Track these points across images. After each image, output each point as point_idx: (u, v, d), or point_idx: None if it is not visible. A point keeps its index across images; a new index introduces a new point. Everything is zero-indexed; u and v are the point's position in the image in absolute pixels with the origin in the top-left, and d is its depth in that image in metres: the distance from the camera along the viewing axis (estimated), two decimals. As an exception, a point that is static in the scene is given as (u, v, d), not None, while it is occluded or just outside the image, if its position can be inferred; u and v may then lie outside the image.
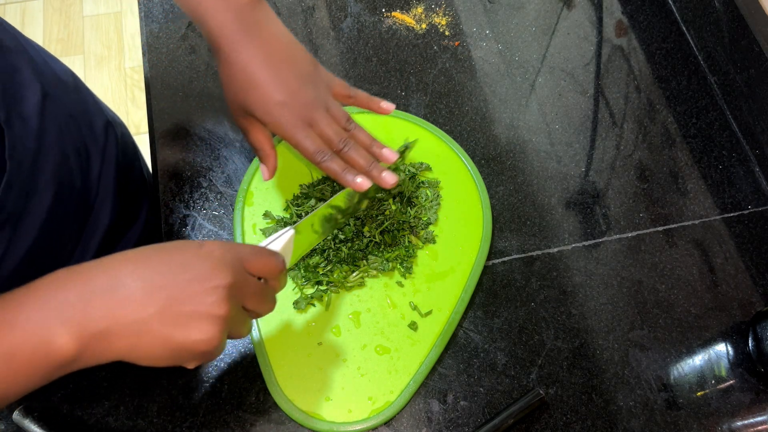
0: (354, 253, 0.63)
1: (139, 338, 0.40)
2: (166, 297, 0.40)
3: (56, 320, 0.37)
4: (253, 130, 0.58)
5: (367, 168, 0.57)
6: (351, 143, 0.56)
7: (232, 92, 0.56)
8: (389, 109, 0.61)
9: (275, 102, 0.54)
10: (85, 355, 0.38)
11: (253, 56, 0.54)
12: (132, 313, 0.39)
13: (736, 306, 0.66)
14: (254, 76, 0.54)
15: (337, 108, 0.58)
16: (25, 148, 0.51)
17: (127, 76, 1.96)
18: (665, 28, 0.85)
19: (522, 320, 0.64)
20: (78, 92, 0.69)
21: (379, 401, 0.58)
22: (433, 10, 0.84)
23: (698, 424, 0.60)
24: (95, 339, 0.38)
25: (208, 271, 0.42)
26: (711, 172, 0.75)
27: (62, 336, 0.37)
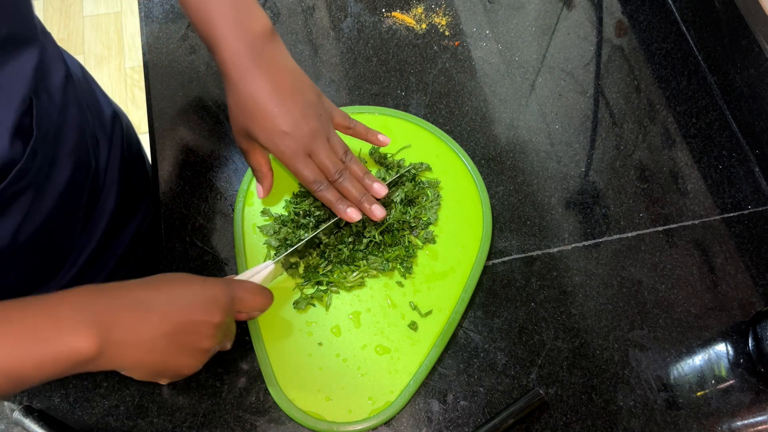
0: (354, 253, 0.63)
1: (145, 354, 0.45)
2: (175, 325, 0.46)
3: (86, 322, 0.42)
4: (253, 153, 0.61)
5: (359, 200, 0.60)
6: (346, 174, 0.60)
7: (237, 117, 0.59)
8: (386, 141, 0.65)
9: (279, 131, 0.57)
10: (101, 359, 0.43)
11: (262, 86, 0.56)
12: (149, 331, 0.45)
13: (736, 306, 0.66)
14: (261, 104, 0.57)
15: (336, 139, 0.61)
16: (50, 120, 0.55)
17: (127, 76, 1.96)
18: (665, 28, 0.85)
19: (522, 320, 0.64)
20: (87, 83, 0.72)
21: (379, 401, 0.58)
22: (433, 10, 0.84)
23: (698, 424, 0.60)
24: (114, 346, 0.43)
25: (207, 308, 0.48)
26: (711, 172, 0.75)
27: (89, 336, 0.41)
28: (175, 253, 0.65)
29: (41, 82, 0.54)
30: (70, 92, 0.60)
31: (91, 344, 0.41)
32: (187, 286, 0.49)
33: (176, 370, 0.48)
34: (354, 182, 0.60)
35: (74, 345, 0.41)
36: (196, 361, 0.49)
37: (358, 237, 0.64)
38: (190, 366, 0.49)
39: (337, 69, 0.79)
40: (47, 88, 0.56)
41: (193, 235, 0.67)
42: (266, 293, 0.55)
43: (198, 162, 0.71)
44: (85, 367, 0.42)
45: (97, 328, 0.42)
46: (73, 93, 0.61)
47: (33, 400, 0.57)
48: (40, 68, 0.54)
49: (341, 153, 0.61)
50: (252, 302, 0.53)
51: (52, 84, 0.57)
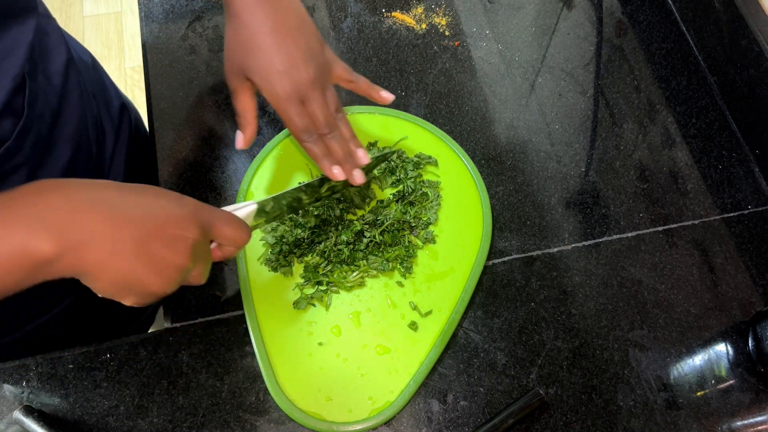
0: (354, 253, 0.63)
1: (109, 256, 0.40)
2: (143, 230, 0.41)
3: (40, 222, 0.38)
4: (243, 94, 0.58)
5: (344, 160, 0.58)
6: (336, 132, 0.57)
7: (234, 51, 0.56)
8: (389, 98, 0.62)
9: (276, 70, 0.54)
10: (61, 261, 0.39)
11: (264, 21, 0.54)
12: (111, 231, 0.40)
13: (736, 306, 0.66)
14: (260, 39, 0.54)
15: (332, 93, 0.58)
16: (47, 102, 0.53)
17: (127, 76, 1.96)
18: (665, 28, 0.85)
19: (522, 320, 0.64)
20: (96, 72, 0.71)
21: (379, 401, 0.58)
22: (433, 10, 0.84)
23: (698, 424, 0.60)
24: (73, 247, 0.39)
25: (182, 221, 0.44)
26: (711, 172, 0.75)
27: (44, 238, 0.38)
28: (175, 253, 0.65)
29: (39, 63, 0.53)
30: (72, 77, 0.59)
31: (48, 245, 0.38)
32: (162, 197, 0.45)
33: (143, 284, 0.43)
34: (342, 141, 0.58)
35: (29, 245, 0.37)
36: (166, 278, 0.43)
37: (358, 237, 0.64)
38: (158, 283, 0.43)
39: (337, 69, 0.79)
40: (45, 70, 0.55)
41: (193, 235, 0.67)
42: (245, 227, 0.50)
43: (198, 162, 0.71)
44: (45, 272, 0.39)
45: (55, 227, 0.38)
46: (75, 79, 0.60)
47: (33, 400, 0.57)
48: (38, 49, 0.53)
49: (334, 108, 0.58)
50: (229, 232, 0.48)
51: (51, 67, 0.56)
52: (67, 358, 0.59)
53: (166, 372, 0.59)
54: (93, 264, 0.40)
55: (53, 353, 0.60)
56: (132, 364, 0.59)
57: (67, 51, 0.59)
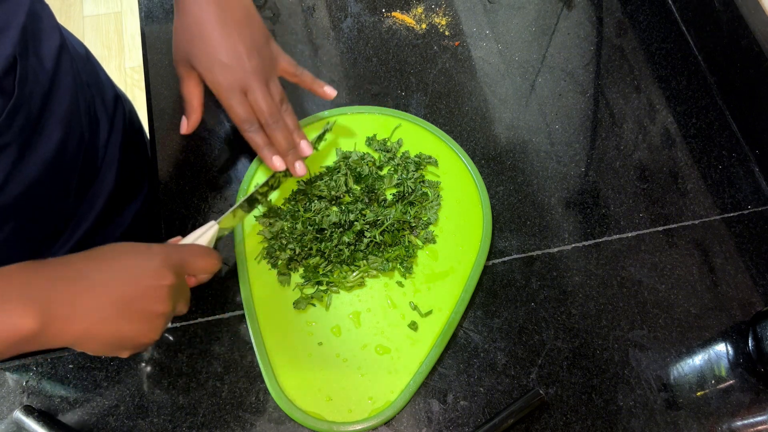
0: (354, 253, 0.63)
1: (94, 325, 0.43)
2: (122, 292, 0.44)
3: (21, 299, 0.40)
4: (189, 81, 0.60)
5: (286, 151, 0.59)
6: (280, 123, 0.59)
7: (180, 41, 0.58)
8: (331, 94, 0.64)
9: (219, 61, 0.56)
10: (45, 335, 0.41)
11: (210, 12, 0.56)
12: (92, 301, 0.43)
13: (736, 306, 0.66)
14: (205, 30, 0.56)
15: (275, 85, 0.60)
16: (38, 83, 0.55)
17: (127, 76, 1.96)
18: (665, 28, 0.85)
19: (522, 320, 0.64)
20: (90, 63, 0.73)
21: (379, 401, 0.58)
22: (433, 10, 0.84)
23: (698, 424, 0.60)
24: (56, 321, 0.41)
25: (155, 271, 0.46)
26: (711, 172, 0.75)
27: (26, 314, 0.40)
28: (175, 253, 0.66)
29: (31, 44, 0.55)
30: (64, 62, 0.60)
31: (30, 320, 0.40)
32: (132, 254, 0.47)
33: (133, 339, 0.46)
34: (285, 132, 0.59)
35: (11, 322, 0.39)
36: (153, 327, 0.47)
37: (358, 237, 0.64)
38: (147, 334, 0.46)
39: (337, 69, 0.79)
40: (38, 52, 0.56)
41: (193, 235, 0.67)
42: (213, 254, 0.53)
43: (198, 162, 0.71)
44: (30, 345, 0.41)
45: (36, 303, 0.40)
46: (68, 64, 0.61)
47: (33, 400, 0.57)
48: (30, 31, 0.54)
49: (278, 100, 0.60)
50: (201, 264, 0.51)
51: (44, 50, 0.57)
52: (67, 358, 0.59)
53: (166, 372, 0.59)
54: (80, 334, 0.43)
55: (53, 353, 0.60)
56: (132, 364, 0.59)
57: (60, 37, 0.60)
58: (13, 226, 0.59)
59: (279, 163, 0.59)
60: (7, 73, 0.51)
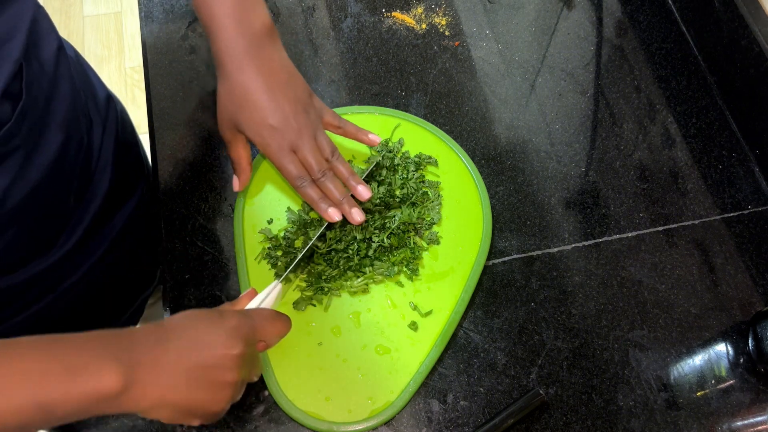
0: (362, 260, 0.63)
1: (167, 392, 0.45)
2: (195, 360, 0.46)
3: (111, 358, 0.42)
4: (236, 145, 0.62)
5: (340, 201, 0.60)
6: (329, 174, 0.60)
7: (226, 107, 0.59)
8: (375, 141, 0.65)
9: (267, 125, 0.58)
10: (125, 397, 0.43)
11: (255, 78, 0.57)
12: (169, 368, 0.45)
13: (736, 306, 0.66)
14: (252, 96, 0.57)
15: (323, 138, 0.61)
16: (40, 87, 0.56)
17: (127, 76, 1.96)
18: (665, 28, 0.85)
19: (522, 320, 0.64)
20: (79, 65, 0.73)
21: (379, 401, 0.58)
22: (433, 10, 0.84)
23: (698, 424, 0.60)
24: (137, 384, 0.43)
25: (227, 341, 0.47)
26: (711, 172, 0.75)
27: (113, 373, 0.42)
28: (175, 253, 0.65)
29: (33, 48, 0.55)
30: (62, 65, 0.61)
31: (116, 380, 0.42)
32: (205, 321, 0.48)
33: (204, 407, 0.47)
34: (336, 183, 0.61)
35: (100, 380, 0.41)
36: (224, 397, 0.48)
37: (367, 243, 0.64)
38: (217, 402, 0.48)
39: (337, 69, 0.79)
40: (39, 56, 0.56)
41: (193, 235, 0.67)
42: (284, 319, 0.54)
43: (198, 162, 0.71)
44: (110, 406, 0.43)
45: (121, 365, 0.42)
46: (65, 67, 0.62)
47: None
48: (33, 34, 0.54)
49: (328, 152, 0.61)
50: (272, 330, 0.53)
51: (44, 53, 0.58)
52: (67, 358, 0.59)
53: (166, 372, 0.59)
54: (155, 400, 0.44)
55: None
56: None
57: (57, 39, 0.61)
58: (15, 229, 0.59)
59: (335, 215, 0.60)
60: (15, 78, 0.51)
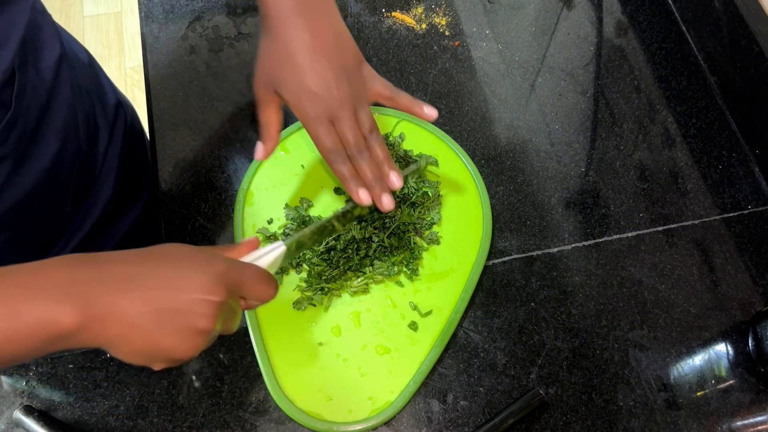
0: (362, 260, 0.63)
1: (130, 330, 0.41)
2: (165, 301, 0.42)
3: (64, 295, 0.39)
4: (270, 107, 0.56)
5: (372, 184, 0.56)
6: (366, 153, 0.55)
7: (266, 65, 0.54)
8: (432, 114, 0.59)
9: (307, 89, 0.53)
10: (81, 334, 0.39)
11: (300, 37, 0.52)
12: (133, 306, 0.41)
13: (736, 306, 0.66)
14: (295, 56, 0.53)
15: (365, 113, 0.56)
16: (35, 96, 0.54)
17: (127, 76, 1.96)
18: (665, 28, 0.85)
19: (522, 320, 0.64)
20: (92, 69, 0.72)
21: (379, 401, 0.58)
22: (433, 10, 0.84)
23: (698, 424, 0.60)
24: (95, 320, 0.39)
25: (209, 286, 0.43)
26: (711, 172, 0.75)
27: (67, 310, 0.38)
28: (175, 253, 0.65)
29: (30, 57, 0.54)
30: (63, 73, 0.59)
31: (70, 317, 0.38)
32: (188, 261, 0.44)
33: (168, 352, 0.43)
34: (372, 164, 0.55)
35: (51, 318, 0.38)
36: (193, 344, 0.43)
37: (367, 242, 0.64)
38: (185, 349, 0.43)
39: (337, 69, 0.79)
40: (36, 65, 0.55)
41: (193, 235, 0.67)
42: (273, 283, 0.49)
43: (198, 162, 0.71)
44: (65, 343, 0.39)
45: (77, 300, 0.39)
46: (67, 74, 0.60)
47: (33, 400, 0.57)
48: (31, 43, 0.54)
49: (366, 129, 0.56)
50: (258, 290, 0.47)
51: (43, 62, 0.56)
52: (67, 358, 0.59)
53: (166, 372, 0.59)
54: (114, 337, 0.41)
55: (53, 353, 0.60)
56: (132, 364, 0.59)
57: (60, 47, 0.59)
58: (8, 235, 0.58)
59: (365, 197, 0.55)
60: (4, 87, 0.50)
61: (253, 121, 0.74)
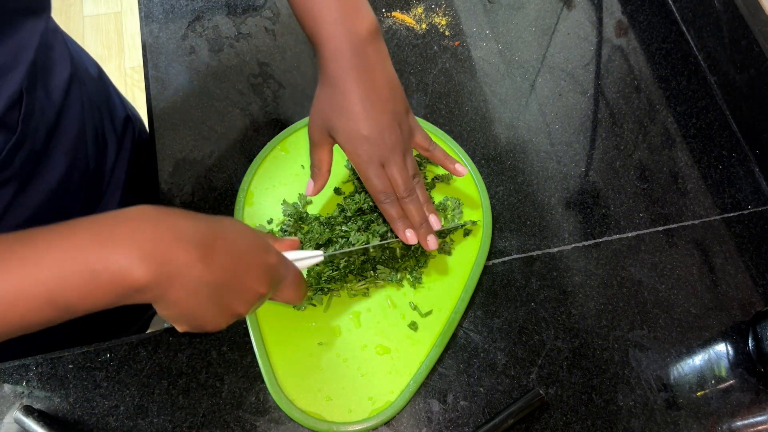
0: (365, 264, 0.63)
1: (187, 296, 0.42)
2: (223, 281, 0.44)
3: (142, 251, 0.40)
4: (323, 149, 0.60)
5: (419, 225, 0.59)
6: (414, 196, 0.59)
7: (323, 110, 0.58)
8: (462, 172, 0.63)
9: (361, 135, 0.56)
10: (149, 291, 0.41)
11: (356, 87, 0.56)
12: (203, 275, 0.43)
13: (736, 306, 0.66)
14: (350, 104, 0.56)
15: (411, 158, 0.60)
16: (44, 117, 0.54)
17: (127, 76, 1.96)
18: (665, 28, 0.85)
19: (522, 320, 0.64)
20: (101, 82, 0.72)
21: (379, 401, 0.58)
22: (433, 10, 0.84)
23: (698, 424, 0.60)
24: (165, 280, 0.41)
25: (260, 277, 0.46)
26: (711, 172, 0.75)
27: (142, 268, 0.39)
28: (175, 253, 0.65)
29: (40, 78, 0.54)
30: (73, 92, 0.60)
31: (146, 275, 0.39)
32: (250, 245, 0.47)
33: (203, 322, 0.46)
34: (418, 206, 0.59)
35: (127, 274, 0.39)
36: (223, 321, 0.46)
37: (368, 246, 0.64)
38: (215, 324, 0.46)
39: (337, 69, 0.79)
40: (46, 86, 0.55)
41: (193, 235, 0.67)
42: (304, 290, 0.53)
43: (198, 162, 0.71)
44: (135, 298, 0.41)
45: (155, 259, 0.40)
46: (77, 93, 0.61)
47: (33, 400, 0.57)
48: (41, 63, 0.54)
49: (412, 173, 0.60)
50: (290, 293, 0.51)
51: (53, 82, 0.57)
52: (67, 358, 0.59)
53: (166, 372, 0.59)
54: (171, 298, 0.42)
55: (53, 353, 0.60)
56: (132, 364, 0.59)
57: (71, 66, 0.60)
58: None
59: (412, 237, 0.59)
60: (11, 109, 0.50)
61: (253, 122, 0.74)
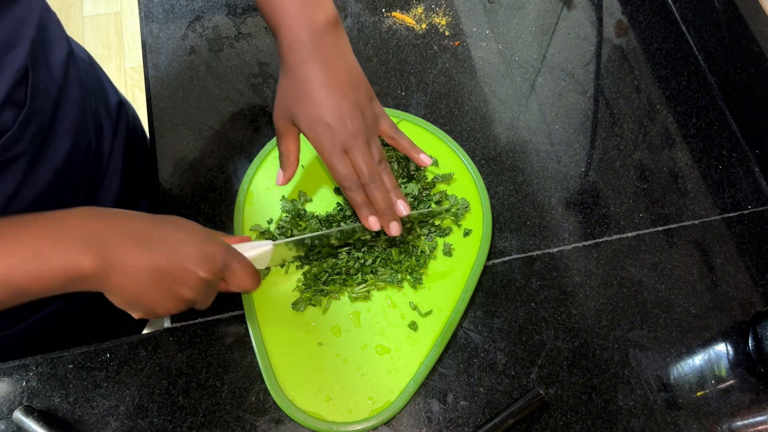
0: (363, 268, 0.63)
1: (129, 281, 0.47)
2: (166, 266, 0.49)
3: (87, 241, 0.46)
4: (288, 137, 0.61)
5: (383, 211, 0.59)
6: (378, 182, 0.59)
7: (285, 99, 0.59)
8: (427, 162, 0.65)
9: (322, 122, 0.57)
10: (95, 278, 0.46)
11: (315, 74, 0.57)
12: (137, 261, 0.47)
13: (736, 306, 0.66)
14: (311, 91, 0.57)
15: (376, 145, 0.60)
16: (48, 94, 0.56)
17: (127, 76, 1.96)
18: (665, 28, 0.85)
19: (522, 320, 0.64)
20: (93, 70, 0.73)
21: (379, 401, 0.58)
22: (433, 10, 0.84)
23: (698, 424, 0.60)
24: (107, 268, 0.46)
25: (201, 261, 0.50)
26: (711, 172, 0.75)
27: (88, 255, 0.45)
28: (175, 253, 0.65)
29: (41, 55, 0.55)
30: (71, 71, 0.60)
31: (90, 263, 0.45)
32: (190, 235, 0.51)
33: (151, 306, 0.50)
34: (383, 192, 0.60)
35: (73, 262, 0.44)
36: (171, 306, 0.51)
37: (369, 250, 0.64)
38: (164, 308, 0.51)
39: (337, 69, 0.79)
40: (47, 62, 0.56)
41: (193, 235, 0.67)
42: (256, 278, 0.56)
43: (198, 162, 0.71)
44: (80, 285, 0.46)
45: (98, 249, 0.45)
46: (75, 72, 0.61)
47: (33, 400, 0.57)
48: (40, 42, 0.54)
49: (377, 160, 0.60)
50: (240, 277, 0.54)
51: (52, 59, 0.57)
52: (67, 358, 0.59)
53: (166, 372, 0.59)
54: (116, 285, 0.47)
55: (53, 353, 0.60)
56: (132, 364, 0.60)
57: (67, 44, 0.60)
58: None
59: (374, 224, 0.60)
60: (19, 85, 0.51)
61: (253, 121, 0.74)
